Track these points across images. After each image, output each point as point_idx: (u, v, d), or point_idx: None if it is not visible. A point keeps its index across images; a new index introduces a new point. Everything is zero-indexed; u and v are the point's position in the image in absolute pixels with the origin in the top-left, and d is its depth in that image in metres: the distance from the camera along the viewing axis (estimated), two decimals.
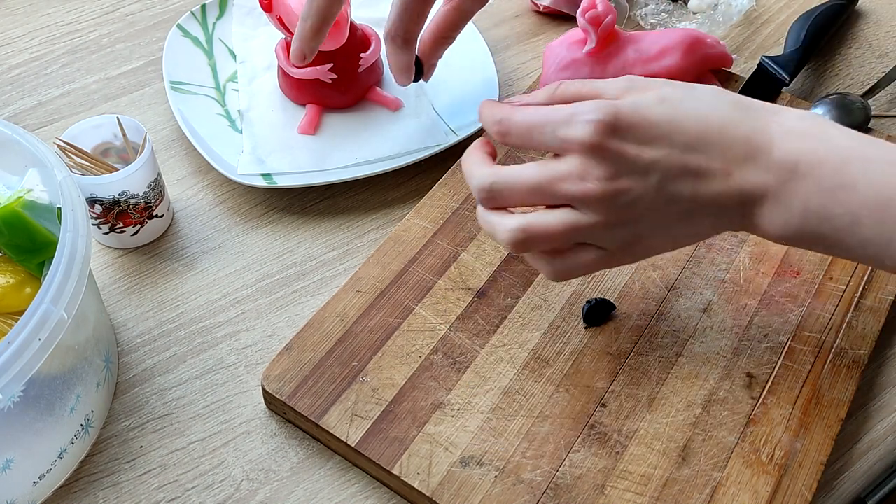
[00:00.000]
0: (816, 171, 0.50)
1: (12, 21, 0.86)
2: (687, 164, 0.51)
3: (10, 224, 0.53)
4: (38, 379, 0.50)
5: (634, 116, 0.51)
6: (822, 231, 0.50)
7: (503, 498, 0.52)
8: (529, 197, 0.52)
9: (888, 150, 0.50)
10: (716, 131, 0.51)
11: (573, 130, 0.50)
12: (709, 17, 0.83)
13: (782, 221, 0.51)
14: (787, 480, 0.52)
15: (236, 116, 0.75)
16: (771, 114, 0.52)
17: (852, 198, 0.49)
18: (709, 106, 0.52)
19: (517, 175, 0.52)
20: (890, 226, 0.49)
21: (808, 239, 0.51)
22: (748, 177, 0.51)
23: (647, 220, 0.52)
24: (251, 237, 0.69)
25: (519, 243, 0.52)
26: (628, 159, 0.50)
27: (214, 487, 0.55)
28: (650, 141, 0.51)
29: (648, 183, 0.51)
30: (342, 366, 0.57)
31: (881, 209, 0.49)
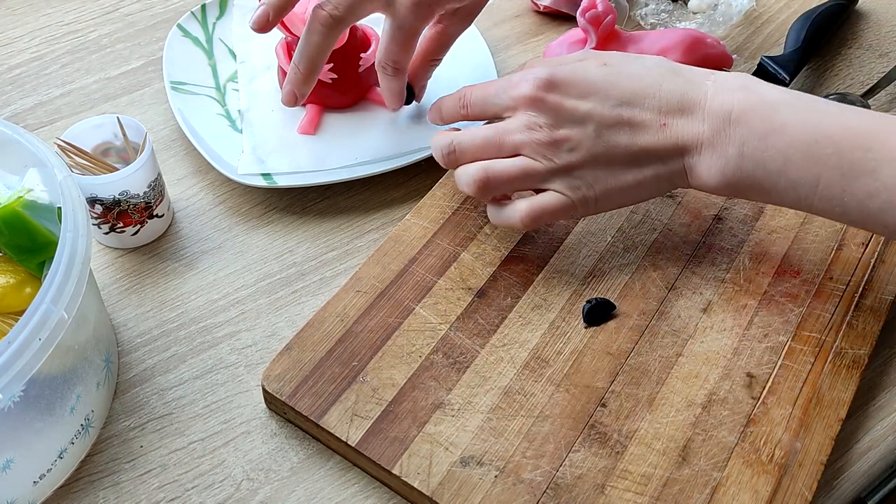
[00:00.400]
0: (748, 118, 0.55)
1: (12, 21, 0.86)
2: (621, 116, 0.58)
3: (11, 224, 0.53)
4: (39, 379, 0.50)
5: (571, 75, 0.59)
6: (756, 175, 0.56)
7: (503, 498, 0.52)
8: (484, 148, 0.60)
9: (811, 97, 0.56)
10: (652, 89, 0.58)
11: (518, 89, 0.59)
12: (709, 17, 0.83)
13: (720, 168, 0.56)
14: (787, 480, 0.52)
15: (236, 116, 0.75)
16: (705, 75, 0.58)
17: (782, 140, 0.54)
18: (646, 68, 0.59)
19: (473, 132, 0.61)
20: (818, 164, 0.54)
21: (745, 185, 0.56)
22: (684, 128, 0.57)
23: (592, 166, 0.58)
24: (251, 237, 0.69)
25: (481, 182, 0.59)
26: (566, 110, 0.58)
27: (214, 487, 0.55)
28: (586, 95, 0.58)
29: (586, 132, 0.58)
30: (342, 366, 0.57)
31: (809, 148, 0.54)
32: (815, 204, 0.55)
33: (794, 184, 0.55)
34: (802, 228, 0.65)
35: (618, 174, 0.59)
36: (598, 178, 0.58)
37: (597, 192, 0.59)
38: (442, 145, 0.62)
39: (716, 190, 0.58)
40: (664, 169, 0.58)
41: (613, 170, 0.58)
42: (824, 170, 0.54)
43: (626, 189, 0.59)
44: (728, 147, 0.56)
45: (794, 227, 0.65)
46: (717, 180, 0.57)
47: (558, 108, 0.58)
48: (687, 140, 0.57)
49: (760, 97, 0.56)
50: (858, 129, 0.54)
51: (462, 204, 0.66)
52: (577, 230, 0.65)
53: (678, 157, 0.58)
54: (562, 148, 0.58)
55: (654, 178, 0.59)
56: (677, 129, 0.57)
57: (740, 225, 0.66)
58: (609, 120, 0.58)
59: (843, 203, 0.54)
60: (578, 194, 0.59)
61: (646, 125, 0.58)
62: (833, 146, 0.54)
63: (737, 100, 0.56)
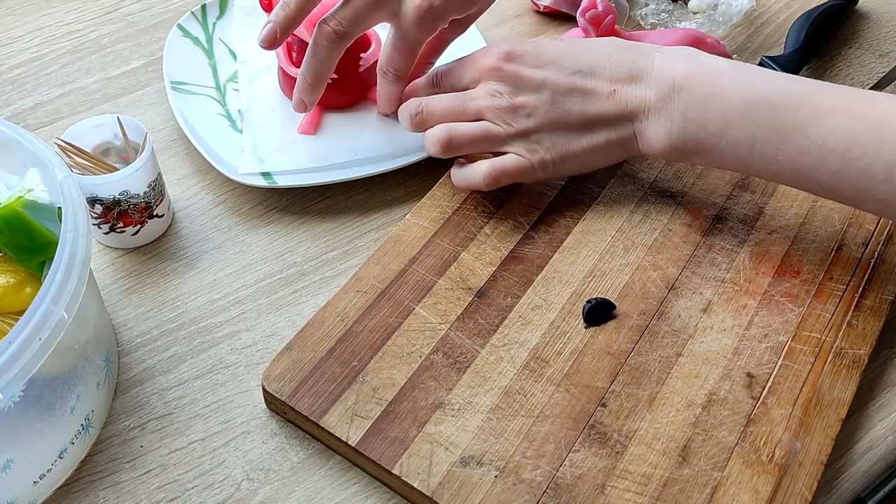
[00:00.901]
0: (691, 84, 0.60)
1: (12, 21, 0.86)
2: (574, 83, 0.63)
3: (11, 224, 0.53)
4: (39, 379, 0.50)
5: (529, 47, 0.64)
6: (699, 137, 0.60)
7: (503, 498, 0.52)
8: (449, 111, 0.65)
9: (748, 65, 0.61)
10: (603, 60, 0.63)
11: (481, 62, 0.65)
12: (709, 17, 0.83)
13: (666, 131, 0.61)
14: (787, 480, 0.53)
15: (236, 116, 0.75)
16: (652, 49, 0.63)
17: (722, 103, 0.59)
18: (598, 44, 0.65)
19: (439, 97, 0.66)
20: (753, 125, 0.58)
21: (690, 147, 0.61)
22: (632, 94, 0.62)
23: (548, 131, 0.63)
24: (251, 237, 0.69)
25: (445, 141, 0.64)
26: (524, 78, 0.63)
27: (214, 487, 0.55)
28: (542, 65, 0.63)
29: (542, 98, 0.63)
30: (342, 365, 0.57)
31: (745, 110, 0.58)
32: (753, 163, 0.59)
33: (734, 144, 0.59)
34: (802, 228, 0.65)
35: (572, 139, 0.63)
36: (554, 142, 0.63)
37: (553, 156, 0.64)
38: (410, 108, 0.67)
39: (663, 153, 0.62)
40: (615, 134, 0.63)
41: (568, 134, 0.63)
42: (759, 130, 0.58)
43: (580, 154, 0.64)
44: (673, 111, 0.60)
45: (794, 227, 0.65)
46: (664, 143, 0.61)
47: (517, 76, 0.63)
48: (635, 106, 0.62)
49: (702, 65, 0.61)
50: (789, 91, 0.58)
51: (462, 204, 0.66)
52: (577, 230, 0.65)
53: (628, 123, 0.63)
54: (520, 113, 0.63)
55: (606, 143, 0.64)
56: (626, 96, 0.62)
57: (740, 225, 0.66)
58: (563, 87, 0.63)
59: (778, 161, 0.58)
60: (536, 157, 0.64)
61: (597, 92, 0.62)
62: (767, 107, 0.58)
63: (681, 68, 0.61)
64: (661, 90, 0.61)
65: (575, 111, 0.63)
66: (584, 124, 0.63)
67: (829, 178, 0.57)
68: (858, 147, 0.55)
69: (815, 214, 0.66)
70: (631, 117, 0.62)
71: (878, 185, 0.55)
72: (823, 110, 0.56)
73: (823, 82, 0.59)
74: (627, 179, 0.68)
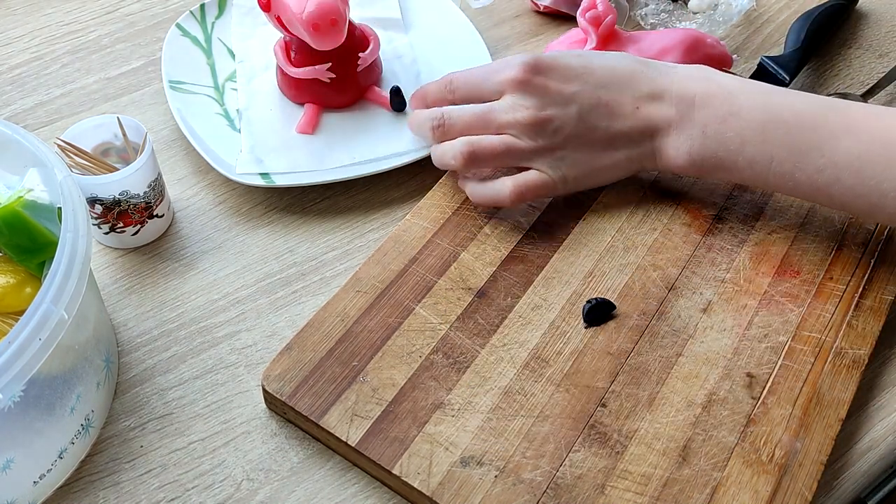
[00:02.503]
0: (710, 102, 0.61)
1: (13, 21, 0.86)
2: (600, 98, 0.63)
3: (11, 224, 0.53)
4: (39, 379, 0.50)
5: (554, 61, 0.64)
6: (718, 154, 0.61)
7: (503, 498, 0.52)
8: (472, 123, 0.64)
9: (763, 84, 0.62)
10: (625, 76, 0.64)
11: (505, 72, 0.63)
12: (709, 17, 0.83)
13: (686, 147, 0.62)
14: (787, 480, 0.53)
15: (235, 116, 0.75)
16: (669, 67, 0.64)
17: (739, 122, 0.60)
18: (617, 60, 0.65)
19: (463, 108, 0.65)
20: (770, 144, 0.59)
21: (709, 163, 0.62)
22: (654, 111, 0.63)
23: (572, 146, 0.63)
24: (251, 237, 0.69)
25: (467, 156, 0.63)
26: (551, 92, 0.63)
27: (214, 487, 0.55)
28: (568, 79, 0.63)
29: (569, 112, 0.63)
30: (342, 366, 0.57)
31: (762, 129, 0.60)
32: (770, 180, 0.61)
33: (751, 162, 0.60)
34: (802, 228, 0.65)
35: (595, 156, 0.64)
36: (577, 159, 0.64)
37: (576, 173, 0.64)
38: (432, 117, 0.65)
39: (682, 169, 0.63)
40: (636, 150, 0.64)
41: (592, 151, 0.64)
42: (776, 148, 0.59)
43: (601, 169, 0.65)
44: (693, 129, 0.62)
45: (794, 227, 0.65)
46: (685, 159, 0.62)
47: (545, 89, 0.63)
48: (657, 122, 0.63)
49: (719, 84, 0.62)
50: (805, 111, 0.60)
51: (462, 204, 0.66)
52: (577, 230, 0.65)
53: (649, 139, 0.63)
54: (546, 128, 0.63)
55: (626, 159, 0.64)
56: (649, 113, 0.63)
57: (740, 225, 0.66)
58: (591, 102, 0.63)
59: (795, 178, 0.60)
60: (559, 174, 0.64)
61: (622, 108, 0.63)
62: (784, 127, 0.59)
63: (700, 87, 0.62)
64: (682, 107, 0.62)
65: (601, 127, 0.63)
66: (609, 141, 0.63)
67: (844, 194, 0.58)
68: (871, 166, 0.57)
69: (815, 214, 0.66)
70: (652, 134, 0.63)
71: (890, 202, 0.57)
72: (838, 130, 0.58)
73: (837, 100, 0.61)
74: (627, 179, 0.68)
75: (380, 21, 0.81)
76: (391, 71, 0.78)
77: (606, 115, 0.63)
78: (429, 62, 0.80)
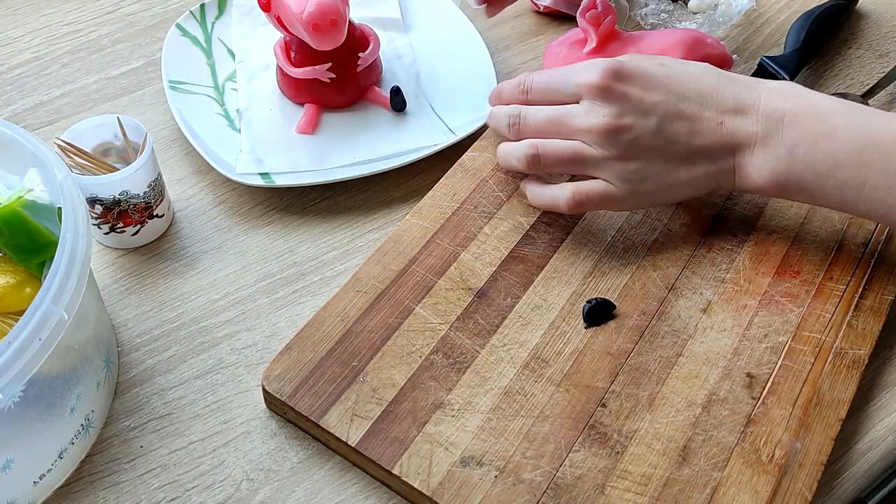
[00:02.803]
0: (800, 121, 0.58)
1: (13, 21, 0.86)
2: (683, 111, 0.60)
3: (11, 224, 0.53)
4: (39, 379, 0.50)
5: (637, 69, 0.61)
6: (804, 177, 0.58)
7: (503, 498, 0.52)
8: (546, 125, 0.62)
9: (856, 105, 0.59)
10: (709, 89, 0.60)
11: (584, 76, 0.60)
12: (709, 17, 0.83)
13: (770, 167, 0.59)
14: (787, 480, 0.52)
15: (235, 116, 0.75)
16: (755, 81, 0.61)
17: (833, 144, 0.57)
18: (701, 71, 0.62)
19: (539, 108, 0.63)
20: (865, 168, 0.56)
21: (793, 185, 0.59)
22: (739, 126, 0.59)
23: (647, 159, 0.60)
24: (251, 237, 0.69)
25: (532, 158, 0.61)
26: (632, 100, 0.60)
27: (214, 487, 0.55)
28: (651, 88, 0.60)
29: (649, 123, 0.59)
30: (342, 366, 0.57)
31: (858, 152, 0.56)
32: (860, 206, 0.58)
33: (841, 186, 0.57)
34: (802, 229, 0.65)
35: (671, 170, 0.60)
36: (651, 171, 0.60)
37: (647, 186, 0.61)
38: (509, 113, 0.64)
39: (763, 189, 0.60)
40: (715, 167, 0.60)
41: (668, 165, 0.60)
42: (871, 172, 0.56)
43: (675, 185, 0.61)
44: (780, 148, 0.58)
45: (794, 227, 0.65)
46: (767, 179, 0.59)
47: (625, 97, 0.60)
48: (741, 139, 0.59)
49: (811, 103, 0.59)
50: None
51: (462, 204, 0.66)
52: (577, 230, 0.65)
53: (730, 156, 0.60)
54: (622, 137, 0.59)
55: (704, 175, 0.61)
56: (733, 128, 0.59)
57: (740, 225, 0.66)
58: (673, 114, 0.60)
59: (887, 206, 0.57)
60: (627, 187, 0.60)
61: (704, 121, 0.60)
62: (881, 150, 0.56)
63: (789, 104, 0.59)
64: (769, 125, 0.59)
65: (681, 140, 0.60)
66: (688, 155, 0.60)
67: None
68: None
69: (815, 214, 0.66)
70: (734, 150, 0.60)
71: None
72: None
73: None
74: None
75: (380, 21, 0.81)
76: (391, 71, 0.78)
77: (688, 128, 0.60)
78: (429, 62, 0.80)
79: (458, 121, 0.74)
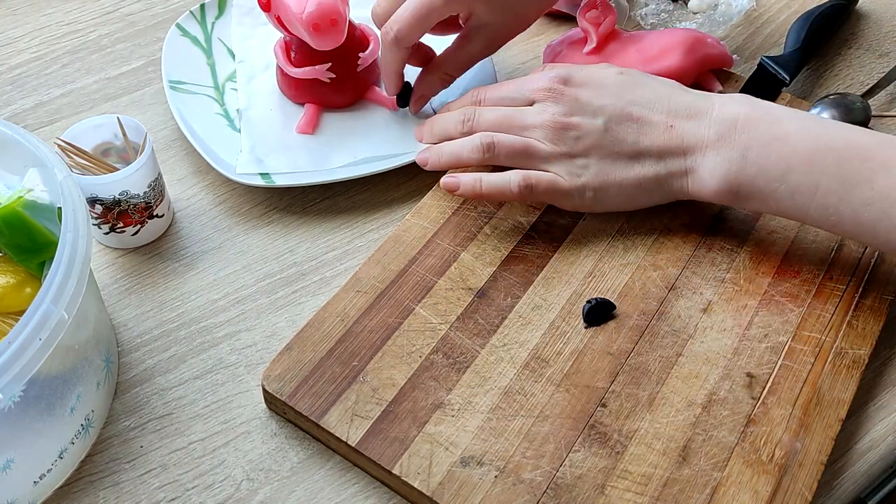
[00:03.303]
0: (754, 126, 0.58)
1: (13, 21, 0.86)
2: (631, 113, 0.62)
3: (11, 224, 0.53)
4: (39, 379, 0.50)
5: (588, 77, 0.63)
6: (757, 181, 0.58)
7: (503, 498, 0.52)
8: (499, 121, 0.64)
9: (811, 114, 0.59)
10: (663, 96, 0.62)
11: (536, 82, 0.64)
12: (709, 17, 0.83)
13: (722, 171, 0.59)
14: (788, 480, 0.53)
15: (235, 116, 0.75)
16: (712, 94, 0.62)
17: (786, 147, 0.57)
18: (658, 82, 0.64)
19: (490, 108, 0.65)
20: (818, 173, 0.56)
21: (745, 190, 0.59)
22: (690, 130, 0.60)
23: (594, 156, 0.62)
24: (251, 237, 0.69)
25: (486, 147, 0.63)
26: (581, 101, 0.62)
27: (214, 487, 0.55)
28: (601, 93, 0.62)
29: (596, 123, 0.62)
30: (342, 366, 0.57)
31: (810, 157, 0.57)
32: (811, 212, 0.58)
33: (794, 191, 0.57)
34: (803, 228, 0.65)
35: (619, 167, 0.62)
36: (599, 168, 0.62)
37: (595, 183, 0.62)
38: (462, 113, 0.66)
39: (716, 195, 0.60)
40: (664, 169, 0.61)
41: (616, 163, 0.62)
42: (823, 178, 0.56)
43: (624, 185, 0.62)
44: (732, 151, 0.59)
45: (795, 227, 0.65)
46: (719, 183, 0.60)
47: (574, 99, 0.62)
48: (691, 142, 0.60)
49: (765, 110, 0.60)
50: (858, 141, 0.57)
51: (462, 204, 0.66)
52: (577, 230, 0.65)
53: (681, 158, 0.61)
54: (569, 134, 0.62)
55: (654, 177, 0.62)
56: (683, 131, 0.61)
57: (740, 225, 0.66)
58: (620, 115, 0.62)
59: (839, 212, 0.57)
60: (577, 182, 0.62)
61: (653, 124, 0.61)
62: (834, 155, 0.56)
63: (743, 110, 0.59)
64: (721, 129, 0.59)
65: (628, 140, 0.61)
66: (635, 154, 0.62)
67: (890, 231, 0.56)
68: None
69: None
70: (685, 153, 0.61)
71: None
72: (891, 162, 0.55)
73: (891, 135, 0.58)
74: None
75: None
76: None
77: (636, 128, 0.61)
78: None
79: None
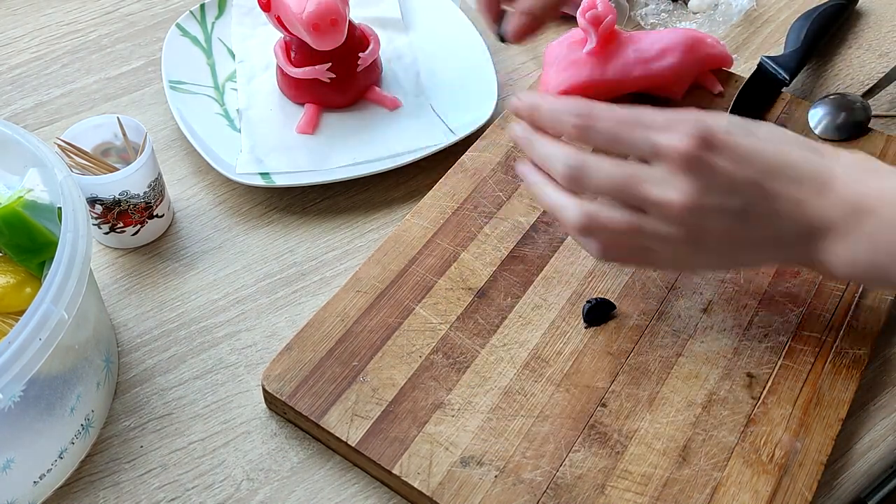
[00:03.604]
0: (880, 209, 0.50)
1: (13, 21, 0.86)
2: (766, 189, 0.50)
3: (11, 224, 0.53)
4: (39, 379, 0.50)
5: (728, 138, 0.50)
6: (889, 268, 0.50)
7: (503, 498, 0.52)
8: (610, 187, 0.51)
9: None
10: (791, 163, 0.51)
11: (671, 138, 0.50)
12: (709, 17, 0.83)
13: (850, 258, 0.51)
14: (787, 480, 0.52)
15: (235, 116, 0.75)
16: (831, 154, 0.52)
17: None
18: (782, 140, 0.53)
19: (604, 163, 0.51)
20: None
21: (877, 275, 0.51)
22: (817, 209, 0.51)
23: (715, 240, 0.51)
24: (251, 237, 0.69)
25: (583, 228, 0.52)
26: (720, 176, 0.50)
27: (214, 487, 0.55)
28: (740, 162, 0.50)
29: (731, 204, 0.50)
30: (342, 366, 0.57)
31: None
32: None
33: None
34: None
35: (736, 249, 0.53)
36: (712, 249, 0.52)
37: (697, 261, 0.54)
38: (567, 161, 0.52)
39: (843, 278, 0.56)
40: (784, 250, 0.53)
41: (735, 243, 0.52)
42: None
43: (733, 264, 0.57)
44: (860, 237, 0.51)
45: None
46: (848, 270, 0.52)
47: (713, 172, 0.50)
48: (818, 223, 0.51)
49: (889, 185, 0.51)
50: None
51: (462, 204, 0.66)
52: None
53: (805, 239, 0.52)
54: (694, 218, 0.50)
55: (771, 259, 0.56)
56: (810, 209, 0.51)
57: None
58: (758, 194, 0.51)
59: None
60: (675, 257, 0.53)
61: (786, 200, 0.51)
62: None
63: (866, 189, 0.51)
64: (846, 211, 0.50)
65: (758, 227, 0.51)
66: (759, 241, 0.52)
67: None
68: None
69: None
70: (811, 233, 0.51)
71: None
72: None
73: None
74: None
75: (380, 21, 0.81)
76: (391, 71, 0.78)
77: (769, 206, 0.51)
78: (429, 62, 0.80)
79: (458, 121, 0.74)
